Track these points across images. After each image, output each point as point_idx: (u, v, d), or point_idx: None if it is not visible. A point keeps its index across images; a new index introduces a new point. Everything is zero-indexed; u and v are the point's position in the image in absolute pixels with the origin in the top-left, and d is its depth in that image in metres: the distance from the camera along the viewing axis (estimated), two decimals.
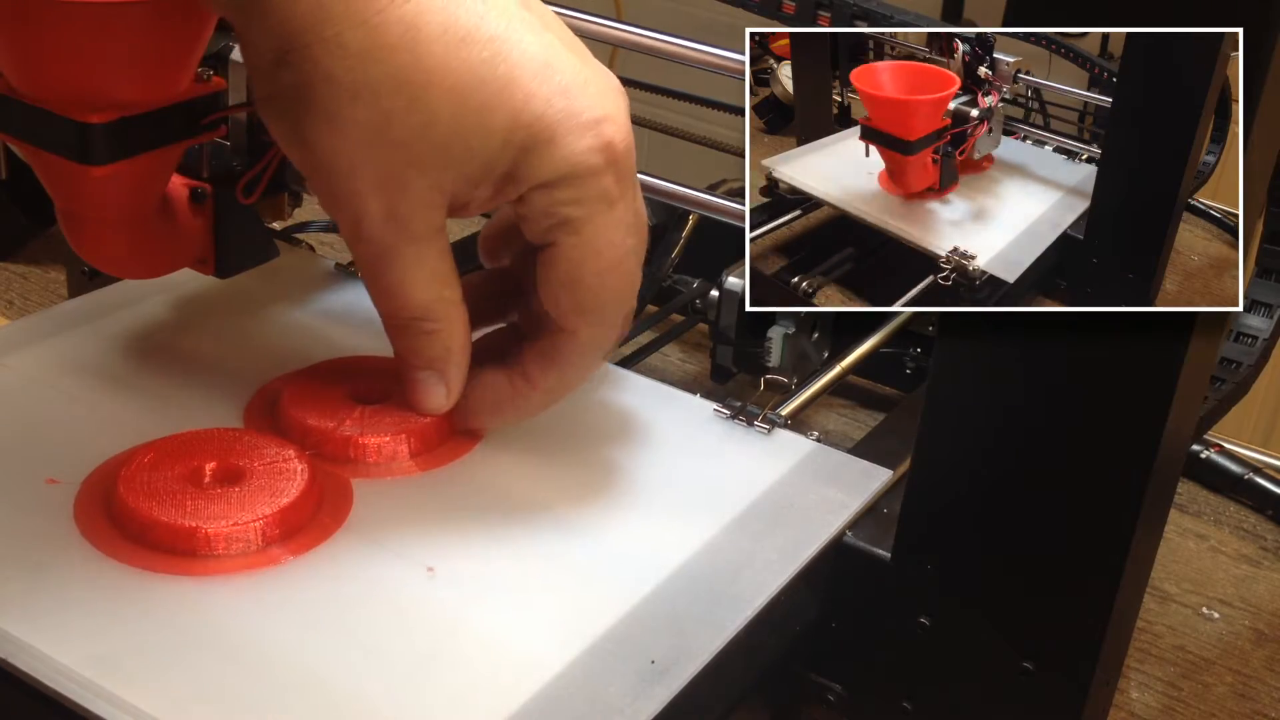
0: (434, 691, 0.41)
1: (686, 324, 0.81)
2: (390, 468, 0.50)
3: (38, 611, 0.42)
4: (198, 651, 0.41)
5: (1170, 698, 0.62)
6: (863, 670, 0.52)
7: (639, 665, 0.42)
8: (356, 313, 0.62)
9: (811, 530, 0.50)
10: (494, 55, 0.41)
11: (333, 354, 0.56)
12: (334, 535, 0.46)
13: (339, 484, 0.49)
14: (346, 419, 0.50)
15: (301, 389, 0.52)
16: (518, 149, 0.42)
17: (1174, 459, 0.46)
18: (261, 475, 0.46)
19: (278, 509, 0.45)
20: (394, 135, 0.41)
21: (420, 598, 0.44)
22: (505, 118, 0.42)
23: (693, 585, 0.46)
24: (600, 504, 0.51)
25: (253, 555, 0.45)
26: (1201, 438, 0.77)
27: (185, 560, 0.44)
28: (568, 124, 0.42)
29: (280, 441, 0.48)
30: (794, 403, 0.61)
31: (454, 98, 0.41)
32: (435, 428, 0.51)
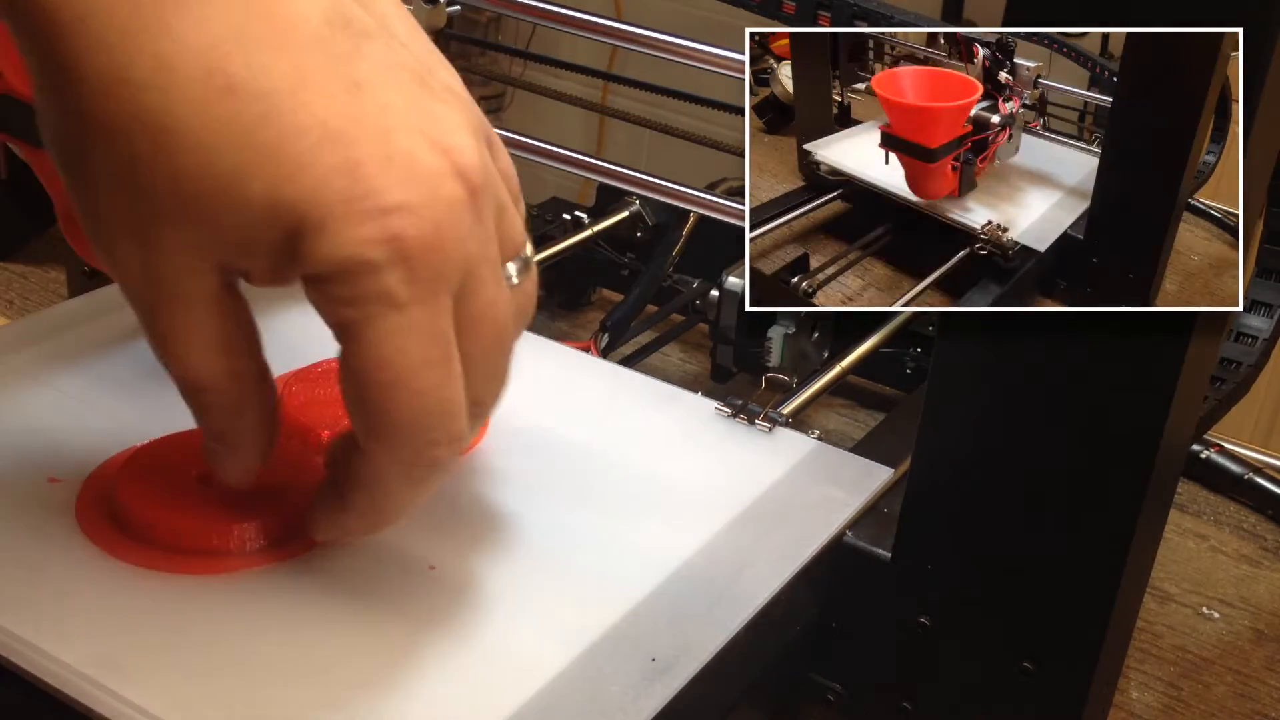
0: (436, 689, 0.41)
1: (686, 324, 0.81)
2: None
3: (39, 610, 0.42)
4: (199, 650, 0.41)
5: (1170, 698, 0.62)
6: (863, 670, 0.52)
7: (640, 663, 0.42)
8: None
9: (813, 529, 0.50)
10: (262, 115, 0.35)
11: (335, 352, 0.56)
12: None
13: None
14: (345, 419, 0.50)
15: (302, 388, 0.52)
16: (285, 229, 0.35)
17: (1174, 459, 0.46)
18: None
19: (280, 507, 0.45)
20: (141, 182, 0.35)
21: (421, 596, 0.44)
22: (265, 190, 0.35)
23: (694, 583, 0.46)
24: (601, 502, 0.51)
25: (255, 553, 0.45)
26: (1201, 438, 0.77)
27: (187, 559, 0.44)
28: (345, 209, 0.35)
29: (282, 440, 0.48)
30: (794, 402, 0.61)
31: (203, 155, 0.35)
32: None
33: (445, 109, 0.38)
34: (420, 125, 0.36)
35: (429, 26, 0.63)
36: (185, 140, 0.35)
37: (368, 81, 0.36)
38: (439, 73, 0.39)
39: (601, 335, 0.73)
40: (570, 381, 0.60)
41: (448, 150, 0.37)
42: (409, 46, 0.38)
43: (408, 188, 0.36)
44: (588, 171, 0.68)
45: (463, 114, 0.38)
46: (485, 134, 0.40)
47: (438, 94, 0.38)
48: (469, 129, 0.38)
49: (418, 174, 0.36)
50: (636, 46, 0.63)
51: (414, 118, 0.37)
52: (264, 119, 0.35)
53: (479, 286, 0.38)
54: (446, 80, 0.39)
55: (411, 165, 0.36)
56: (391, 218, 0.35)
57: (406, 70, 0.37)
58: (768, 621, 0.46)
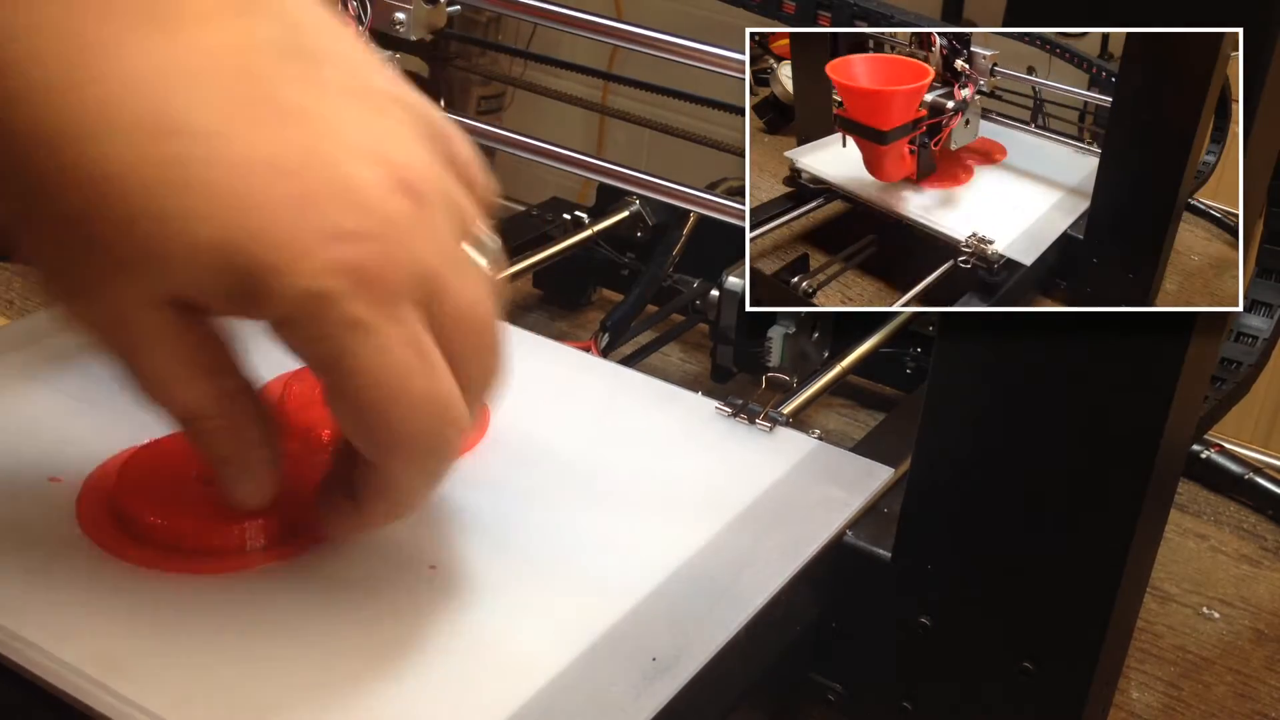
0: (436, 688, 0.41)
1: (686, 324, 0.81)
2: None
3: (40, 609, 0.42)
4: (200, 649, 0.41)
5: (1170, 698, 0.62)
6: (863, 670, 0.52)
7: (641, 662, 0.42)
8: None
9: (813, 528, 0.50)
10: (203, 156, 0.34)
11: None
12: None
13: None
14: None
15: (303, 388, 0.52)
16: (239, 272, 0.35)
17: (1174, 459, 0.46)
18: None
19: (280, 507, 0.45)
20: (89, 233, 0.35)
21: (422, 595, 0.44)
22: (213, 234, 0.34)
23: (695, 583, 0.46)
24: (602, 501, 0.51)
25: (255, 553, 0.45)
26: (1201, 438, 0.77)
27: (188, 558, 0.44)
28: (296, 246, 0.34)
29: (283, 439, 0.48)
30: (794, 402, 0.61)
31: (148, 201, 0.34)
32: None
33: (384, 121, 0.37)
34: (360, 144, 0.36)
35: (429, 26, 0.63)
36: (128, 187, 0.34)
37: (303, 108, 0.36)
38: (375, 80, 0.38)
39: (602, 335, 0.73)
40: (571, 381, 0.60)
41: (391, 165, 0.36)
42: (341, 61, 0.38)
43: (355, 212, 0.35)
44: (588, 171, 0.68)
45: (403, 121, 0.38)
46: (432, 130, 0.39)
47: (376, 105, 0.37)
48: (411, 135, 0.38)
49: (363, 196, 0.35)
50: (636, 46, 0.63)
51: (353, 137, 0.36)
52: (205, 160, 0.34)
53: (445, 287, 0.37)
54: (384, 87, 0.38)
55: (356, 188, 0.35)
56: (344, 246, 0.35)
57: (340, 88, 0.37)
58: (769, 620, 0.46)
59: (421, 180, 0.37)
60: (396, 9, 0.62)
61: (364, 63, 0.39)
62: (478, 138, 0.71)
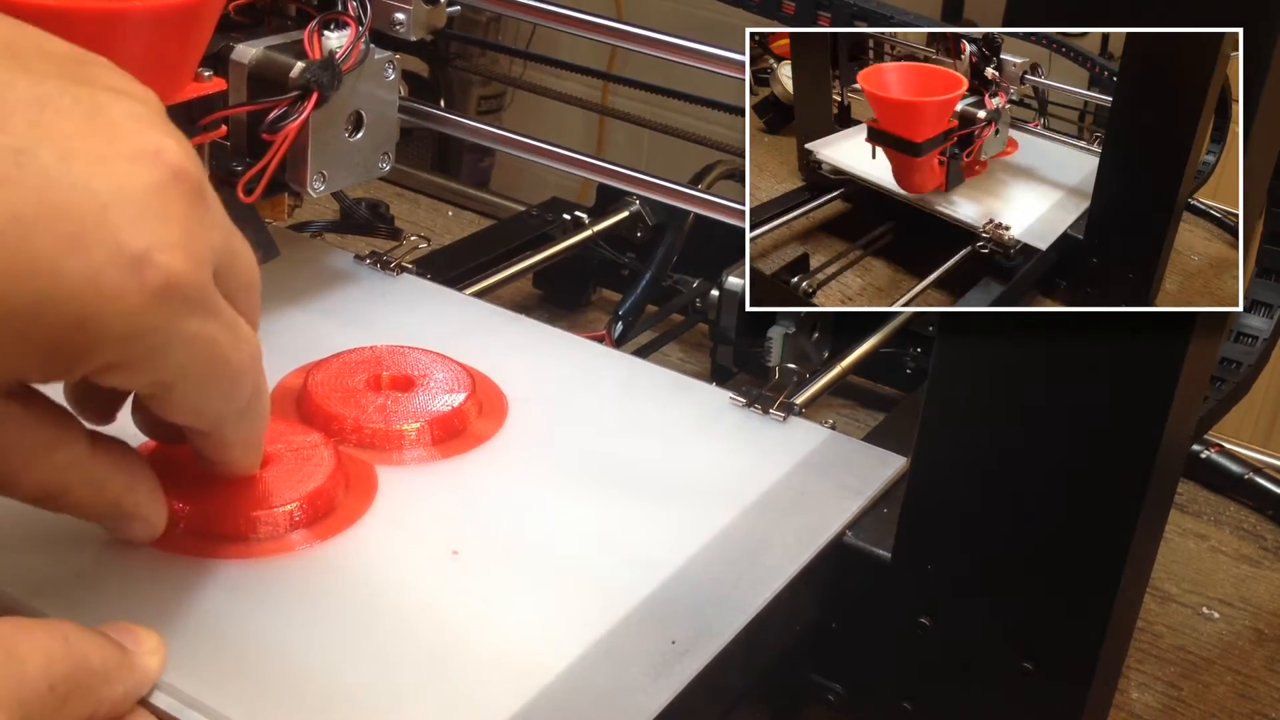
0: (460, 670, 0.41)
1: (686, 324, 0.81)
2: (414, 454, 0.51)
3: (62, 593, 0.42)
4: (222, 634, 0.41)
5: (1170, 698, 0.62)
6: (863, 670, 0.52)
7: (661, 646, 0.43)
8: (373, 304, 0.63)
9: (827, 515, 0.51)
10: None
11: (352, 344, 0.56)
12: (360, 520, 0.47)
13: (364, 470, 0.49)
14: (370, 407, 0.51)
15: (324, 378, 0.53)
16: (51, 330, 0.32)
17: (1174, 459, 0.46)
18: (287, 461, 0.47)
19: (304, 494, 0.46)
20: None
21: (444, 580, 0.45)
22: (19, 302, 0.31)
23: (712, 568, 0.47)
24: (619, 489, 0.51)
25: (278, 540, 0.45)
26: (1201, 438, 0.77)
27: (212, 544, 0.44)
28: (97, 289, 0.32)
29: (306, 428, 0.49)
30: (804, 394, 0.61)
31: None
32: (458, 415, 0.52)
33: (126, 119, 0.34)
34: (113, 152, 0.33)
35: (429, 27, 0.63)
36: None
37: (29, 144, 0.32)
38: (100, 79, 0.35)
39: (615, 324, 0.73)
40: (586, 371, 0.60)
41: (155, 156, 0.34)
42: (51, 74, 0.34)
43: (143, 226, 0.33)
44: (588, 171, 0.68)
45: (143, 113, 0.35)
46: (158, 107, 0.36)
47: (109, 105, 0.34)
48: (156, 123, 0.35)
49: (142, 202, 0.33)
50: (636, 46, 0.63)
51: (100, 148, 0.33)
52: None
53: (234, 255, 0.37)
54: (109, 81, 0.35)
55: (132, 198, 0.33)
56: (146, 270, 0.32)
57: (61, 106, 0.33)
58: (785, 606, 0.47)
59: (185, 160, 0.35)
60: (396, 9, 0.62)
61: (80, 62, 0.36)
62: (478, 138, 0.71)
